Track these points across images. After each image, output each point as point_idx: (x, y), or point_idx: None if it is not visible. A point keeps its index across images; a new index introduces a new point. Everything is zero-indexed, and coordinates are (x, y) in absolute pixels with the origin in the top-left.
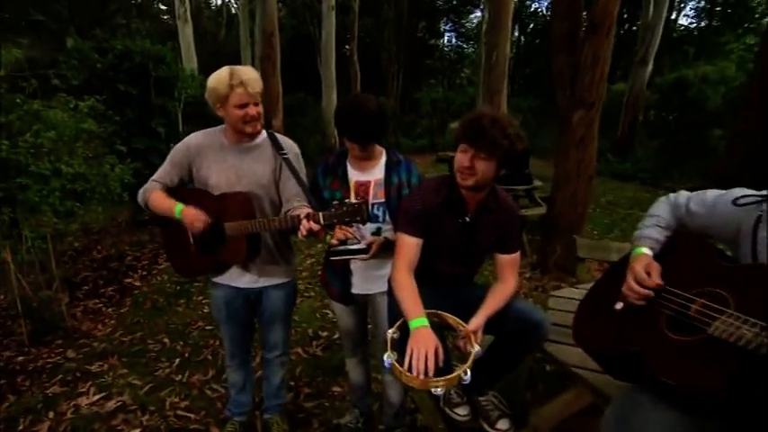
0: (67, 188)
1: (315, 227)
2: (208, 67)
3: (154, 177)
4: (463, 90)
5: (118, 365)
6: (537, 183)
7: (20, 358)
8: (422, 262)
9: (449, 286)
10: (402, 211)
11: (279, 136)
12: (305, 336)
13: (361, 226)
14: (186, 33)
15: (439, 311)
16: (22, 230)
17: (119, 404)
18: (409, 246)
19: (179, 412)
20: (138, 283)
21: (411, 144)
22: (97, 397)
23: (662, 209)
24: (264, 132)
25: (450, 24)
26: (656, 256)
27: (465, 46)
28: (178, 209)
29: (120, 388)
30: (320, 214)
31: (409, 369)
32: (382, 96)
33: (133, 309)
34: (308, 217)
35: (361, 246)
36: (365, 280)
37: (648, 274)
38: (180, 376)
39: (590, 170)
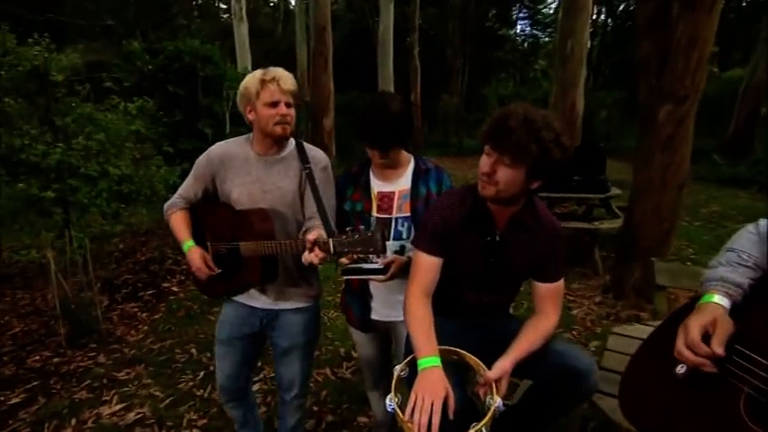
0: (114, 189)
1: (320, 255)
2: (263, 66)
3: (179, 192)
4: (537, 84)
5: (143, 374)
6: (615, 191)
7: (56, 360)
8: (442, 287)
9: (475, 318)
10: (420, 225)
11: (308, 146)
12: (336, 355)
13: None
14: (241, 32)
15: (458, 349)
16: (71, 231)
17: (138, 416)
18: (426, 266)
19: (195, 431)
20: (175, 288)
21: (476, 146)
22: (119, 407)
23: (746, 242)
24: (293, 142)
25: (523, 11)
26: (735, 308)
27: (540, 35)
28: (186, 246)
29: (141, 399)
30: (330, 242)
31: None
32: (445, 94)
33: (166, 315)
34: (315, 244)
35: (378, 265)
36: (386, 305)
37: (709, 334)
38: (202, 391)
39: (680, 177)
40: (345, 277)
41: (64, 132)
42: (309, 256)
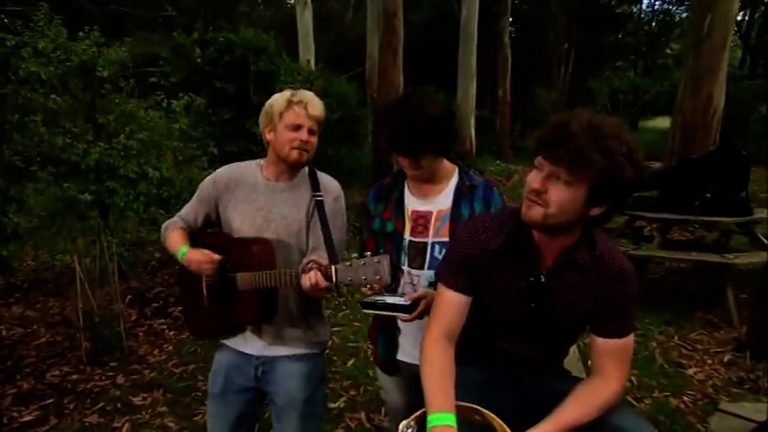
0: (153, 193)
1: (321, 282)
2: (329, 57)
3: (180, 213)
4: (666, 73)
5: (160, 401)
6: (761, 213)
7: (74, 376)
8: (470, 331)
9: (511, 372)
10: (447, 254)
11: (321, 175)
12: (374, 398)
13: (412, 272)
14: (305, 19)
15: (482, 409)
16: (106, 236)
17: None
18: (449, 304)
19: None
20: None
21: None
22: None
23: None
24: (305, 169)
25: None
26: None
27: (675, 9)
28: (182, 251)
29: (153, 430)
30: (333, 268)
31: None
32: (541, 88)
33: (194, 336)
34: (318, 269)
35: (403, 301)
36: (417, 345)
37: None
38: None
39: None
40: (364, 310)
41: (106, 131)
42: (307, 278)
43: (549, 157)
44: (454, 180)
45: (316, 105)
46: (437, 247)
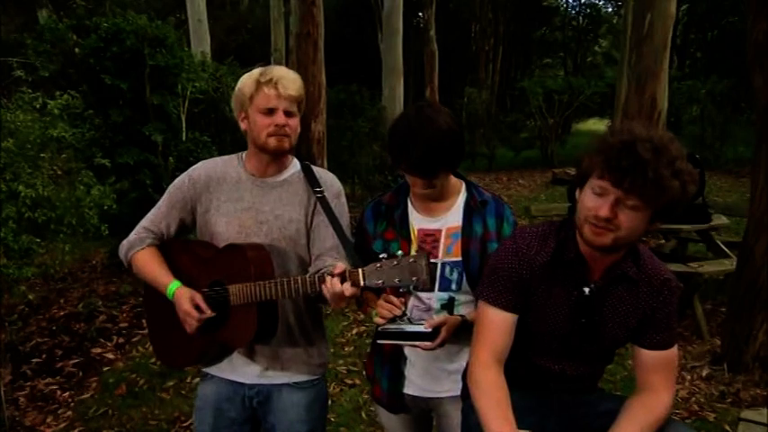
0: (25, 217)
1: (348, 289)
2: (225, 50)
3: (143, 223)
4: (598, 72)
5: None
6: (720, 219)
7: None
8: (514, 352)
9: (556, 393)
10: (489, 271)
11: (316, 169)
12: None
13: (422, 295)
14: (196, 3)
15: None
16: None
17: None
18: (497, 324)
19: None
20: (110, 356)
21: (512, 157)
22: None
23: None
24: (297, 163)
25: None
26: None
27: (601, 3)
28: (171, 289)
29: None
30: (360, 271)
31: None
32: (470, 87)
33: (100, 394)
34: (342, 276)
35: (423, 327)
36: (427, 376)
37: None
38: None
39: None
40: (380, 342)
41: None
42: (330, 286)
43: (619, 184)
44: (462, 196)
45: (290, 83)
46: (447, 267)
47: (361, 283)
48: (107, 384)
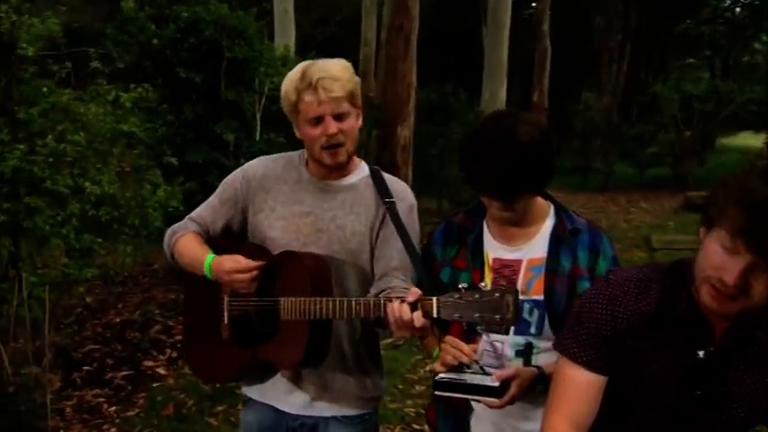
0: (89, 215)
1: (419, 320)
2: (310, 43)
3: (191, 215)
4: (756, 76)
5: None
6: None
7: None
8: (600, 422)
9: None
10: (573, 319)
11: (387, 176)
12: None
13: (494, 337)
14: None
15: None
16: (22, 271)
17: None
18: (578, 386)
19: None
20: (161, 371)
21: (634, 175)
22: None
23: None
24: (366, 167)
25: None
26: None
27: None
28: (208, 261)
29: None
30: (434, 300)
31: None
32: (588, 92)
33: (146, 412)
34: (414, 305)
35: (490, 380)
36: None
37: None
38: None
39: None
40: (438, 393)
41: (27, 129)
42: (395, 312)
43: (752, 247)
44: (549, 222)
45: (332, 81)
46: (527, 306)
47: (434, 314)
48: (155, 402)
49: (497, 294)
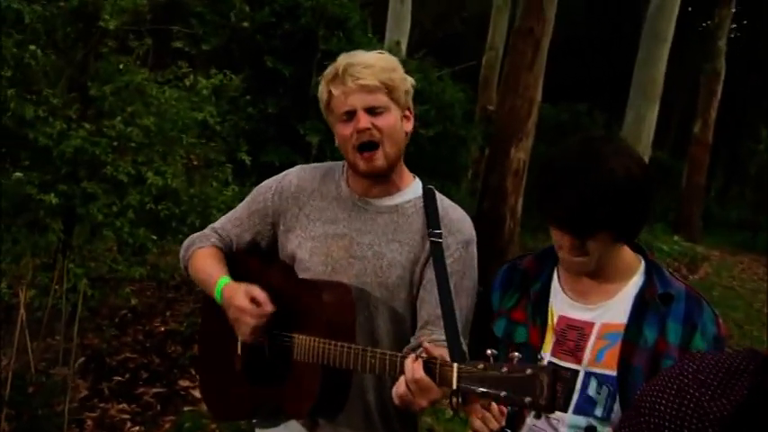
0: (147, 208)
1: (435, 391)
2: (428, 41)
3: (214, 225)
4: None
5: None
6: None
7: None
8: None
9: None
10: (633, 410)
11: (443, 199)
12: None
13: (557, 414)
14: None
15: None
16: (68, 261)
17: None
18: None
19: None
20: (195, 393)
21: None
22: None
23: None
24: (419, 187)
25: None
26: None
27: None
28: (220, 285)
29: None
30: (454, 367)
31: None
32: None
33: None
34: (430, 366)
35: None
36: None
37: None
38: None
39: None
40: None
41: (96, 107)
42: (415, 372)
43: None
44: (637, 281)
45: (363, 68)
46: (593, 380)
47: (454, 384)
48: (181, 429)
49: (530, 371)
